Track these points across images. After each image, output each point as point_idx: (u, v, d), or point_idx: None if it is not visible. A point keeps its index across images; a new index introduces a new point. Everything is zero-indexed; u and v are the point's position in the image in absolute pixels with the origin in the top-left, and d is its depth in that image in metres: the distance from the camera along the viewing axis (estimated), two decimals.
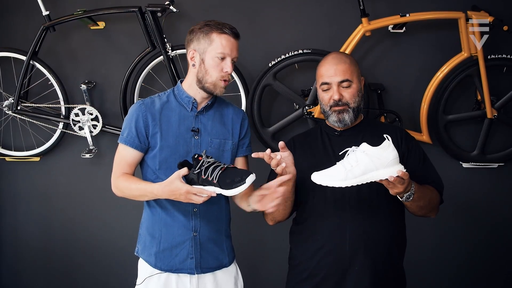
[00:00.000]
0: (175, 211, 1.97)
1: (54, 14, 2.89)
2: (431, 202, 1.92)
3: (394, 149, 1.68)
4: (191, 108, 1.98)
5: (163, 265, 1.99)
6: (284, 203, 1.94)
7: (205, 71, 1.92)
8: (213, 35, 1.90)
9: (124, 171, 1.96)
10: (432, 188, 1.95)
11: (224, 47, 1.89)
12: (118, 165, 1.98)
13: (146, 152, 1.98)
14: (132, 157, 1.97)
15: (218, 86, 1.93)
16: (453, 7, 2.77)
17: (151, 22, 2.77)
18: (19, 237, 3.22)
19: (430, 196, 1.90)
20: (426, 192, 1.89)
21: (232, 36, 1.91)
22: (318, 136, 2.04)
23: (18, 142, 3.10)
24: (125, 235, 3.10)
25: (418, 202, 1.83)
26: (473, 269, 3.07)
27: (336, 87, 1.93)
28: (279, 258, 2.12)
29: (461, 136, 2.96)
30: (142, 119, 1.94)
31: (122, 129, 1.99)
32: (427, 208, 1.91)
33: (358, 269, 1.86)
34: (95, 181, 3.11)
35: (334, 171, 1.70)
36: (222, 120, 2.03)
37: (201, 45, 1.92)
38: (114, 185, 1.97)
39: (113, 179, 1.98)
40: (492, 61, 2.78)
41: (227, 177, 1.71)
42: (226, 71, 1.91)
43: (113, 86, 3.00)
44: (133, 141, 1.95)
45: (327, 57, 2.01)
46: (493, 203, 3.02)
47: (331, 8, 2.92)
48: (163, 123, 1.95)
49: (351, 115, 1.94)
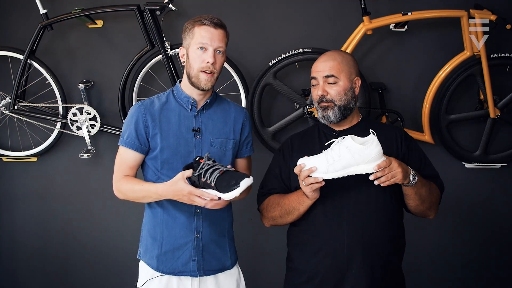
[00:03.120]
0: (177, 212, 1.95)
1: (51, 13, 2.88)
2: (433, 193, 1.93)
3: (378, 145, 1.70)
4: (190, 108, 1.97)
5: (165, 268, 1.97)
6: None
7: (190, 65, 1.92)
8: (195, 29, 1.91)
9: (125, 173, 1.95)
10: (432, 183, 1.95)
11: (203, 37, 1.88)
12: (119, 168, 1.97)
13: (147, 154, 1.96)
14: (133, 159, 1.95)
15: (202, 79, 1.90)
16: (456, 5, 2.76)
17: (149, 20, 2.75)
18: (16, 238, 3.21)
19: (430, 186, 1.91)
20: (427, 182, 1.90)
21: (211, 26, 1.89)
22: (315, 135, 2.03)
23: (15, 142, 3.09)
24: (124, 236, 3.09)
25: (421, 189, 1.85)
26: (476, 270, 3.05)
27: (322, 82, 1.94)
28: (281, 260, 2.10)
29: (463, 136, 2.95)
30: (141, 121, 1.93)
31: (122, 131, 1.98)
32: (429, 200, 1.91)
33: (356, 273, 1.84)
34: (93, 182, 3.10)
35: (317, 162, 1.70)
36: (224, 119, 2.01)
37: (186, 41, 1.94)
38: (116, 188, 1.96)
39: (114, 182, 1.96)
40: (495, 60, 2.77)
41: (224, 180, 1.71)
42: (207, 61, 1.88)
43: (112, 86, 2.98)
44: (133, 143, 1.93)
45: (323, 54, 2.03)
46: (496, 204, 3.01)
47: (332, 6, 2.91)
48: (163, 123, 1.94)
49: (336, 113, 1.93)
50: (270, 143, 2.90)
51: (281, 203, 1.93)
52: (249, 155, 2.10)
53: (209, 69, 1.89)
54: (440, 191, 2.00)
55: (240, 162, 2.08)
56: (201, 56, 1.89)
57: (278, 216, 1.95)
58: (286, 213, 1.91)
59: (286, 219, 1.93)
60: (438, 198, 1.99)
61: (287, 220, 1.94)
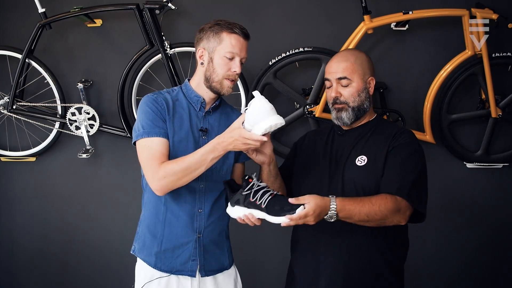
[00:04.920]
0: (181, 211, 1.94)
1: (50, 12, 2.86)
2: (372, 215, 1.71)
3: (265, 103, 1.72)
4: (199, 107, 1.97)
5: (163, 266, 1.96)
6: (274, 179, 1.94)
7: (213, 70, 1.91)
8: (223, 34, 1.89)
9: (162, 161, 1.82)
10: (380, 199, 1.74)
11: (234, 47, 1.88)
12: (152, 159, 1.83)
13: None
14: (162, 145, 1.85)
15: (225, 86, 1.91)
16: (457, 4, 2.75)
17: (149, 19, 2.74)
18: (14, 238, 3.20)
19: (368, 211, 1.70)
20: (360, 207, 1.70)
21: (242, 36, 1.90)
22: (325, 134, 2.05)
23: (13, 142, 3.08)
24: (123, 236, 3.07)
25: (350, 219, 1.71)
26: (477, 271, 3.04)
27: (335, 84, 1.94)
28: (277, 259, 2.09)
29: (465, 135, 2.93)
30: (158, 110, 1.88)
31: (136, 126, 1.90)
32: (371, 222, 1.73)
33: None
34: (92, 182, 3.08)
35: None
36: (228, 122, 1.99)
37: (210, 43, 1.90)
38: (157, 179, 1.81)
39: (152, 176, 1.82)
40: (497, 59, 2.75)
41: (276, 203, 1.70)
42: (234, 70, 1.90)
43: (111, 85, 2.97)
44: (154, 130, 1.86)
45: (337, 53, 2.03)
46: (497, 204, 3.00)
47: (332, 5, 2.90)
48: (176, 119, 1.92)
49: (350, 114, 1.92)
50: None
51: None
52: (245, 161, 2.09)
53: (234, 78, 1.91)
54: (409, 199, 1.76)
55: (238, 167, 2.08)
56: (229, 64, 1.89)
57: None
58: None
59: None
60: (390, 212, 1.73)
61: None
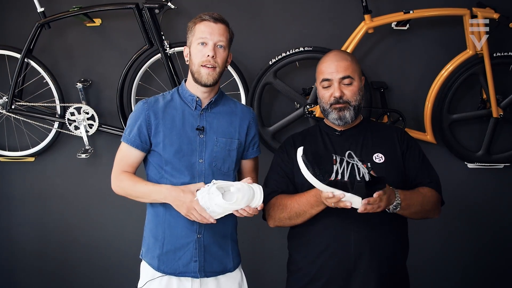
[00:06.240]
0: (180, 212, 1.93)
1: (49, 11, 2.85)
2: (425, 206, 1.88)
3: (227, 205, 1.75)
4: (195, 106, 1.97)
5: (166, 268, 1.96)
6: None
7: (192, 62, 1.94)
8: (195, 26, 1.94)
9: (124, 170, 1.97)
10: (426, 190, 1.90)
11: (203, 32, 1.90)
12: (119, 163, 1.98)
13: (149, 152, 1.97)
14: (133, 157, 1.97)
15: (203, 74, 1.91)
16: (458, 3, 2.75)
17: (148, 19, 2.73)
18: (13, 239, 3.18)
19: (422, 200, 1.86)
20: (417, 197, 1.85)
21: (211, 21, 1.91)
22: (318, 135, 2.02)
23: (12, 142, 3.06)
24: (123, 237, 3.08)
25: (408, 209, 1.82)
26: (478, 271, 3.04)
27: (338, 84, 1.93)
28: (283, 262, 2.08)
29: (466, 135, 2.93)
30: (144, 118, 1.95)
31: (125, 128, 2.00)
32: (422, 212, 1.89)
33: (364, 272, 1.82)
34: (91, 182, 3.08)
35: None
36: (230, 119, 2.01)
37: (189, 40, 1.96)
38: (115, 183, 1.97)
39: (113, 176, 1.97)
40: (498, 59, 2.75)
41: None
42: (207, 55, 1.89)
43: (110, 85, 2.96)
44: (135, 140, 1.95)
45: (328, 54, 2.01)
46: (498, 204, 2.99)
47: (332, 4, 2.89)
48: (167, 121, 1.94)
49: (352, 113, 1.93)
50: (270, 143, 2.88)
51: (289, 206, 1.89)
52: (255, 156, 2.09)
53: (209, 63, 1.89)
54: (438, 191, 1.95)
55: (246, 163, 2.07)
56: (202, 50, 1.90)
57: (287, 218, 1.91)
58: (296, 216, 1.88)
59: (296, 220, 1.90)
60: (435, 203, 1.92)
61: (297, 222, 1.90)
